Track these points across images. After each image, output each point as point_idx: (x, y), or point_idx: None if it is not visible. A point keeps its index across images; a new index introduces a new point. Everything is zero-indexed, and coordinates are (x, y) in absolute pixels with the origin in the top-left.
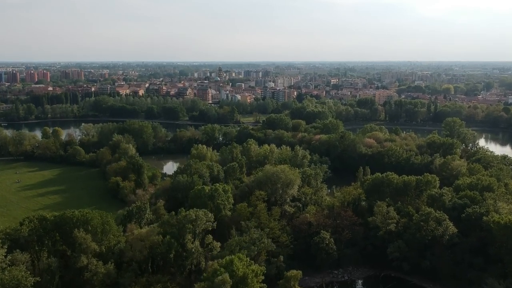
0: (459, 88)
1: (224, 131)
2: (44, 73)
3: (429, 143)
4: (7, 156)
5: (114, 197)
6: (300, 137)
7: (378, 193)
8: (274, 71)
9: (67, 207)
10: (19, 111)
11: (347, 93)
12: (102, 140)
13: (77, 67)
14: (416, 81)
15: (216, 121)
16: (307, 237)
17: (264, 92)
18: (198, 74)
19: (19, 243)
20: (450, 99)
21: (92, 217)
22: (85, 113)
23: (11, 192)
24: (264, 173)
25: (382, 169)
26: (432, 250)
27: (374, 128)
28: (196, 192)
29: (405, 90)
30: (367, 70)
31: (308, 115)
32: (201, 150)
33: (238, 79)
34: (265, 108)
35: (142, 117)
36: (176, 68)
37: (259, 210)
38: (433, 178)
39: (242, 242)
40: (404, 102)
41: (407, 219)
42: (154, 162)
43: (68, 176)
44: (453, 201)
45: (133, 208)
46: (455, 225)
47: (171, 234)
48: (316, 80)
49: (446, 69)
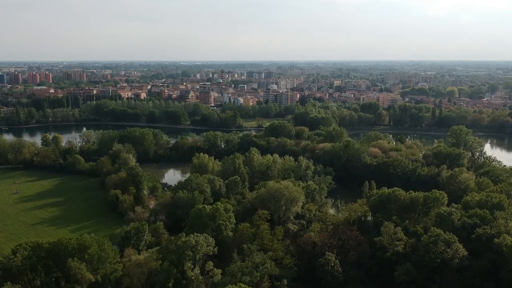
0: (464, 90)
1: (226, 138)
2: (46, 74)
3: (436, 153)
4: (6, 164)
5: (113, 210)
6: (303, 145)
7: (385, 209)
8: (277, 71)
9: (65, 222)
10: (20, 116)
11: (351, 95)
12: (102, 147)
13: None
14: (419, 83)
15: (218, 126)
16: (311, 258)
17: (267, 95)
18: (200, 75)
19: (11, 273)
20: (454, 102)
21: (89, 245)
22: (86, 117)
23: (8, 204)
24: (267, 189)
25: (388, 180)
26: (441, 273)
27: (378, 135)
28: (196, 212)
29: (409, 93)
30: (370, 70)
31: (311, 121)
32: (202, 159)
33: (240, 81)
34: (267, 112)
35: (143, 121)
36: (178, 69)
37: (262, 230)
38: (441, 194)
39: (244, 268)
40: (408, 107)
41: (415, 239)
42: (155, 170)
43: (67, 186)
44: (463, 221)
45: (131, 229)
46: (465, 246)
47: (170, 261)
48: (319, 81)
49: (450, 69)
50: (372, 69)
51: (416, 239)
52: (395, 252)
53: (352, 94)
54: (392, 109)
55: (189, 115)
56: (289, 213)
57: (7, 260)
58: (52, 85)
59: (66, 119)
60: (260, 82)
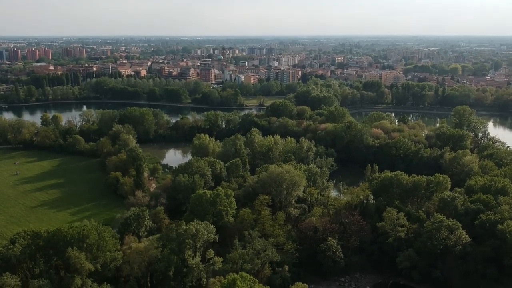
0: (467, 68)
1: (227, 118)
2: (45, 50)
3: (439, 134)
4: (6, 144)
5: (113, 192)
6: (305, 125)
7: (387, 193)
8: (278, 47)
9: (66, 204)
10: (19, 94)
11: (353, 72)
12: (102, 127)
13: (79, 42)
14: (422, 59)
15: (219, 104)
16: (312, 243)
17: (268, 72)
18: (201, 51)
19: (10, 263)
20: (458, 80)
21: (88, 234)
22: (86, 95)
23: (9, 186)
24: (269, 174)
25: (390, 161)
26: (443, 260)
27: (381, 115)
28: (197, 198)
29: (411, 70)
30: (373, 46)
31: (313, 100)
32: (203, 140)
33: (241, 57)
34: (269, 90)
35: (144, 99)
36: (179, 44)
37: (263, 216)
38: (445, 178)
39: (245, 255)
40: (411, 85)
41: (417, 225)
42: (155, 151)
43: (67, 167)
44: (466, 206)
45: (132, 215)
46: (468, 231)
47: (171, 249)
48: (321, 58)
49: (453, 45)
50: (375, 45)
51: (419, 224)
52: (397, 238)
53: (355, 71)
54: (394, 88)
55: (190, 93)
56: (290, 197)
57: (5, 250)
58: (51, 61)
59: (66, 97)
60: (262, 58)
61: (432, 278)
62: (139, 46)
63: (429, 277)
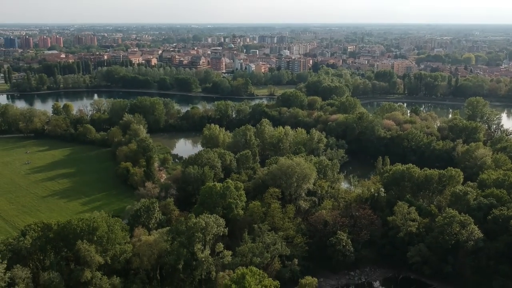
0: (481, 57)
1: (237, 108)
2: (57, 38)
3: (451, 126)
4: (18, 133)
5: (124, 182)
6: (316, 116)
7: (399, 186)
8: (290, 35)
9: (76, 194)
10: (31, 82)
11: (365, 62)
12: (113, 117)
13: (90, 30)
14: (435, 49)
15: (229, 94)
16: (322, 236)
17: (279, 61)
18: (212, 40)
19: (20, 255)
20: (471, 70)
21: (98, 226)
22: (97, 84)
23: (20, 175)
24: (279, 166)
25: (402, 153)
26: (455, 255)
27: (393, 106)
28: (207, 190)
29: (424, 60)
30: (385, 34)
31: (324, 90)
32: (213, 131)
33: (252, 46)
34: (280, 79)
35: (154, 88)
36: (189, 32)
37: (273, 209)
38: (457, 172)
39: (255, 249)
40: (423, 75)
41: (429, 219)
42: (166, 141)
43: (78, 157)
44: (478, 200)
45: (141, 207)
46: (480, 226)
47: (180, 242)
48: (332, 47)
49: (467, 34)
50: (387, 33)
51: (430, 219)
52: (408, 232)
53: (366, 60)
54: (407, 78)
55: (200, 82)
56: (300, 190)
57: (16, 242)
58: (63, 49)
59: (77, 85)
60: (273, 47)
61: (443, 273)
62: (150, 34)
63: (440, 272)
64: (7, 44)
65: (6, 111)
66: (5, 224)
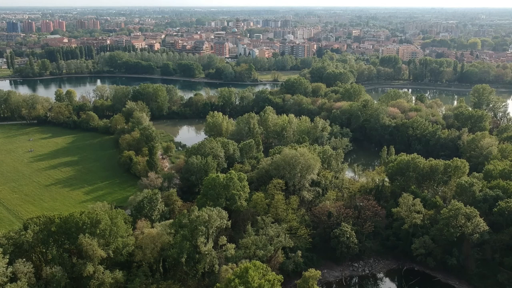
0: (487, 42)
1: (241, 95)
2: (59, 22)
3: (457, 114)
4: (20, 120)
5: (127, 171)
6: (320, 103)
7: (403, 176)
8: (294, 19)
9: (80, 183)
10: (33, 67)
11: (369, 46)
12: (116, 103)
13: (93, 13)
14: (441, 33)
15: (232, 79)
16: (326, 228)
17: (283, 46)
18: (215, 24)
19: (22, 249)
20: (477, 55)
21: (100, 219)
22: (100, 69)
23: (23, 163)
24: (283, 156)
25: (407, 142)
26: (459, 247)
27: (398, 93)
28: (210, 181)
29: (429, 44)
30: (390, 18)
31: (328, 76)
32: (217, 118)
33: (256, 30)
34: (283, 65)
35: (157, 73)
36: (193, 16)
37: (277, 201)
38: (463, 163)
39: (258, 242)
40: (429, 61)
41: (434, 211)
42: (169, 128)
43: (81, 144)
44: (484, 192)
45: (144, 199)
46: (486, 219)
47: (183, 236)
48: (337, 31)
49: (472, 17)
50: (392, 17)
51: (435, 210)
52: (412, 224)
53: (371, 45)
54: (412, 64)
55: (204, 68)
56: (304, 180)
57: (18, 236)
58: (65, 34)
59: (80, 71)
60: (276, 31)
61: (448, 265)
62: (153, 18)
63: (444, 264)
64: (10, 29)
65: (8, 98)
66: (8, 213)
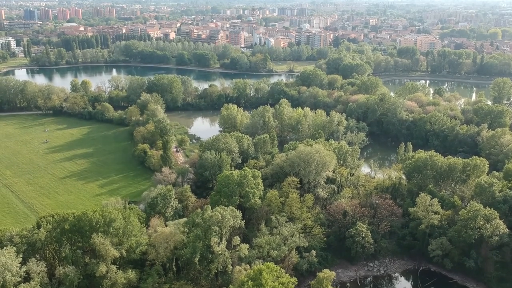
0: (508, 32)
1: (256, 86)
2: (76, 10)
3: (476, 109)
4: (36, 110)
5: (141, 164)
6: (336, 96)
7: (420, 174)
8: (310, 7)
9: (94, 176)
10: (50, 56)
11: (387, 36)
12: (131, 95)
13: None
14: (460, 23)
15: (247, 70)
16: (342, 227)
17: (299, 35)
18: (230, 12)
19: (35, 247)
20: (497, 46)
21: (114, 218)
22: (115, 58)
23: (39, 154)
24: (298, 153)
25: (424, 137)
26: (477, 249)
27: (416, 86)
28: (224, 178)
29: (448, 34)
30: (408, 7)
31: (344, 68)
32: (231, 111)
33: (272, 18)
34: (299, 55)
35: (172, 63)
36: (208, 4)
37: (291, 199)
38: (482, 162)
39: (272, 242)
40: (447, 53)
41: (452, 211)
42: (183, 120)
43: (96, 136)
44: (504, 193)
45: (158, 196)
46: (505, 220)
47: (196, 235)
48: (353, 20)
49: (493, 6)
50: (410, 6)
51: (453, 211)
52: (429, 225)
53: (388, 35)
54: (430, 55)
55: (219, 58)
56: (319, 177)
57: (31, 234)
58: (82, 21)
59: (96, 60)
60: (292, 20)
61: (465, 267)
62: (169, 6)
63: (461, 266)
64: (27, 16)
65: (25, 88)
66: (23, 206)
